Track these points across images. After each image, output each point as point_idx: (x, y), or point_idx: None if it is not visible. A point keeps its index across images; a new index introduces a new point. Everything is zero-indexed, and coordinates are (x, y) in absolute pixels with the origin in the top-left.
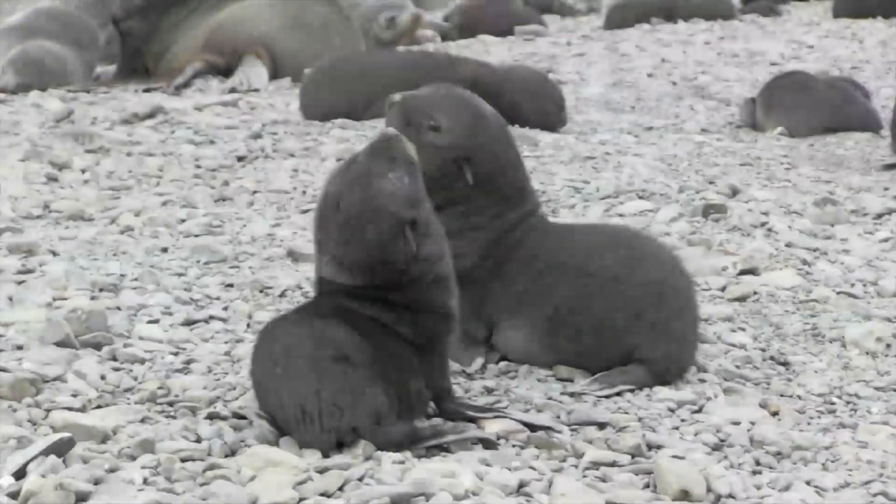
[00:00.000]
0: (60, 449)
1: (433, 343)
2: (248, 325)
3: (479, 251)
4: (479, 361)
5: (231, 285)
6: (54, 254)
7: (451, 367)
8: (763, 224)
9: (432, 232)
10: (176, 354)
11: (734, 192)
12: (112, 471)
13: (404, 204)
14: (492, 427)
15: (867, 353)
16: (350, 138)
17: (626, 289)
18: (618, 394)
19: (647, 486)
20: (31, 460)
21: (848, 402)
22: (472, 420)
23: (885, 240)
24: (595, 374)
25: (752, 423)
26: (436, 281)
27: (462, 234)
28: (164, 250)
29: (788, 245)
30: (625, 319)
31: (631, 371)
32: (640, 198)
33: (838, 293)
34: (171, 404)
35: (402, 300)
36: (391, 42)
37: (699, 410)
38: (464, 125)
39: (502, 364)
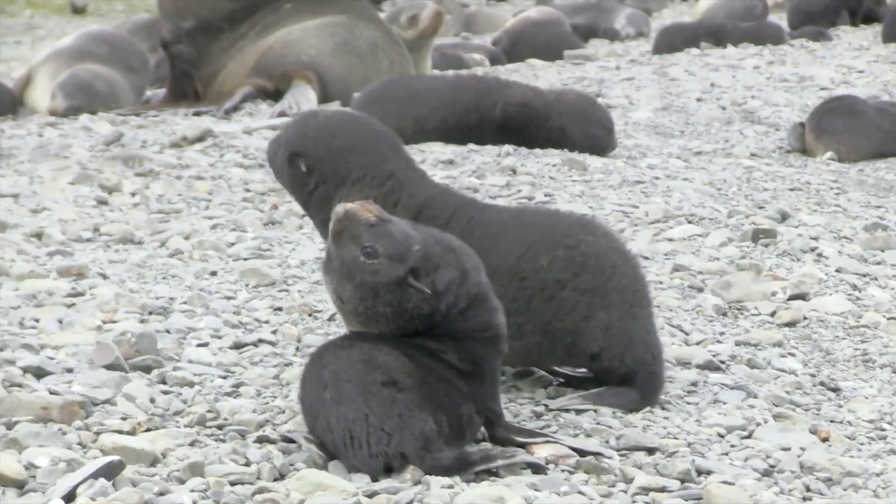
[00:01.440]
0: (110, 472)
1: (481, 368)
2: (297, 349)
3: None
4: None
5: (280, 309)
6: (104, 277)
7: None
8: (813, 249)
9: (439, 260)
10: (225, 378)
11: (784, 217)
12: (161, 494)
13: (393, 267)
14: (541, 452)
15: None
16: None
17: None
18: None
19: None
20: (81, 483)
21: None
22: (522, 445)
23: None
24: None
25: (803, 449)
26: (471, 304)
27: None
28: (214, 274)
29: (838, 270)
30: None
31: (622, 393)
32: (690, 222)
33: (888, 318)
34: (220, 427)
35: (444, 331)
36: (415, 40)
37: (749, 436)
38: (292, 127)
39: (550, 389)
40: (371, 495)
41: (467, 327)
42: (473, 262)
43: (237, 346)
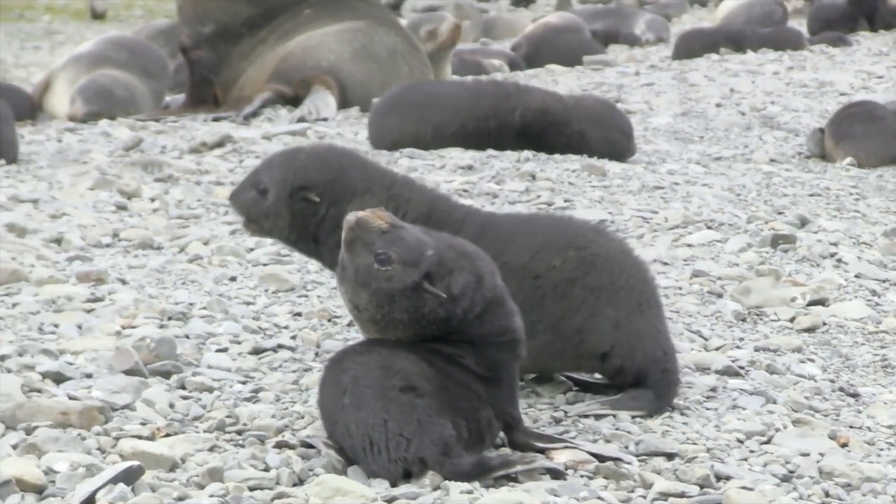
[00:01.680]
0: (129, 477)
1: (499, 372)
2: (317, 354)
3: None
4: None
5: (299, 314)
6: (123, 282)
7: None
8: (832, 255)
9: (453, 265)
10: (244, 383)
11: (803, 223)
12: (181, 499)
13: (408, 273)
14: (560, 457)
15: None
16: (418, 167)
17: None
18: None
19: None
20: (100, 488)
21: None
22: (541, 450)
23: None
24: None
25: (822, 455)
26: (487, 309)
27: None
28: (233, 279)
29: (858, 276)
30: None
31: (639, 396)
32: (709, 228)
33: None
34: (239, 433)
35: (461, 336)
36: (433, 53)
37: (768, 441)
38: (279, 168)
39: (569, 394)
40: (390, 500)
41: (484, 332)
42: (488, 266)
43: (256, 352)
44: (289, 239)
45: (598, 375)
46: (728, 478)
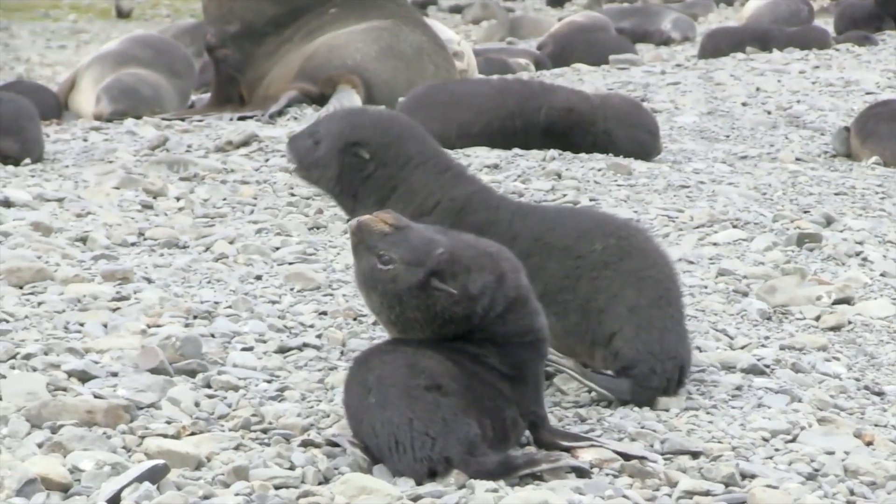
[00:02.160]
0: (154, 475)
1: (523, 372)
2: (342, 353)
3: None
4: None
5: (325, 313)
6: (149, 281)
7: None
8: (858, 253)
9: (471, 264)
10: (270, 382)
11: (829, 222)
12: (206, 497)
13: (411, 272)
14: (585, 456)
15: None
16: None
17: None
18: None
19: None
20: (126, 487)
21: None
22: (566, 449)
23: None
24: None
25: (847, 453)
26: (509, 308)
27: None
28: (258, 278)
29: (883, 274)
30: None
31: (615, 382)
32: (734, 227)
33: None
34: (264, 431)
35: (485, 336)
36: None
37: (793, 440)
38: (339, 122)
39: (594, 393)
40: (415, 499)
41: (508, 331)
42: (512, 265)
43: (282, 351)
44: (333, 191)
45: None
46: (753, 476)
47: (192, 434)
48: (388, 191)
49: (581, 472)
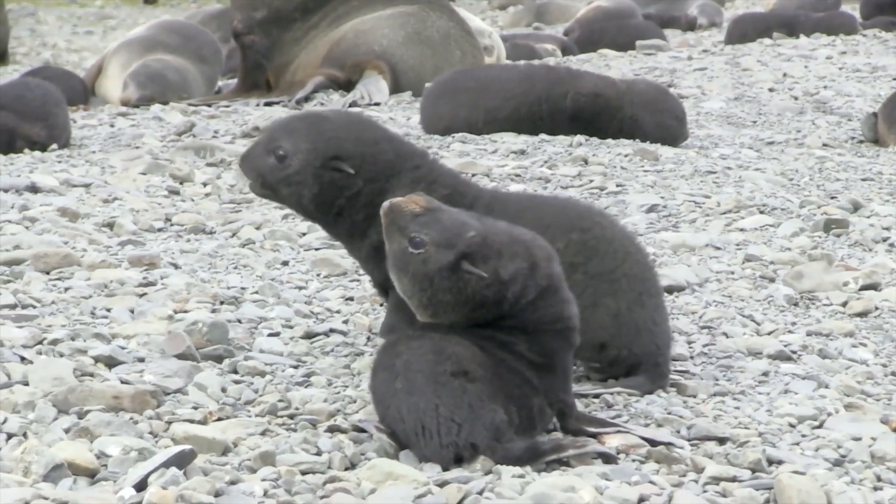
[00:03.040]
0: (181, 461)
1: (552, 360)
2: (369, 339)
3: None
4: None
5: (351, 298)
6: (175, 267)
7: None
8: (885, 239)
9: (503, 249)
10: (296, 367)
11: (856, 208)
12: (232, 483)
13: (442, 254)
14: (612, 442)
15: None
16: (470, 152)
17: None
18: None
19: (767, 501)
20: (153, 472)
21: None
22: (593, 435)
23: None
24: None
25: (874, 439)
26: (541, 295)
27: None
28: (285, 263)
29: None
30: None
31: (632, 381)
32: (761, 212)
33: None
34: (291, 417)
35: (514, 323)
36: None
37: (820, 426)
38: (306, 135)
39: (622, 379)
40: (442, 485)
41: (538, 319)
42: (545, 253)
43: (308, 336)
44: (306, 209)
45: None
46: (780, 462)
47: (219, 419)
48: (375, 207)
49: (607, 458)
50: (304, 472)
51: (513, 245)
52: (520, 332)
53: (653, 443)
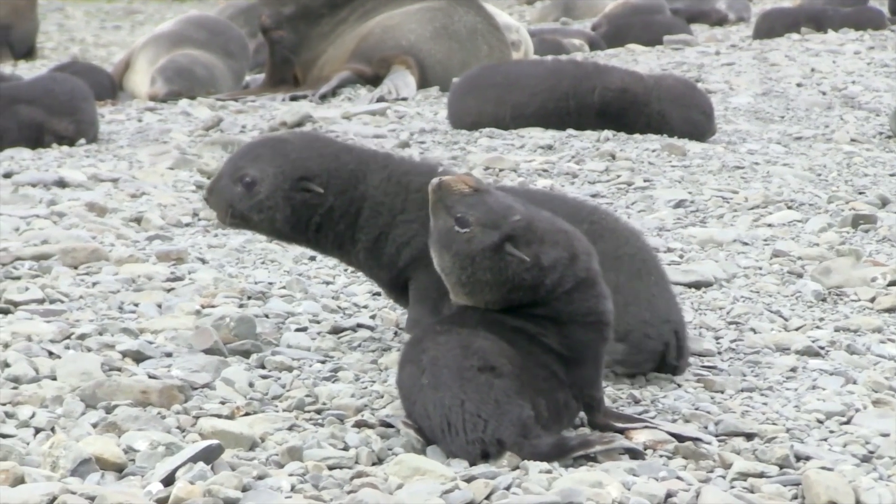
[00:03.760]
0: (209, 456)
1: (582, 353)
2: (396, 334)
3: (413, 238)
4: None
5: (378, 294)
6: (203, 261)
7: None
8: None
9: (546, 236)
10: (324, 362)
11: (884, 203)
12: (260, 478)
13: (487, 234)
14: (639, 437)
15: None
16: (497, 147)
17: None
18: None
19: (795, 497)
20: (180, 467)
21: None
22: (620, 430)
23: None
24: None
25: None
26: (577, 287)
27: (388, 235)
28: (312, 259)
29: None
30: None
31: (612, 346)
32: (789, 208)
33: None
34: (318, 412)
35: (547, 312)
36: None
37: (848, 422)
38: (270, 160)
39: (650, 374)
40: (469, 480)
41: (572, 310)
42: (585, 247)
43: (336, 331)
44: (281, 231)
45: None
46: (807, 458)
47: (246, 414)
48: (353, 215)
49: (635, 454)
50: (331, 468)
51: (556, 234)
52: (551, 323)
53: (680, 438)
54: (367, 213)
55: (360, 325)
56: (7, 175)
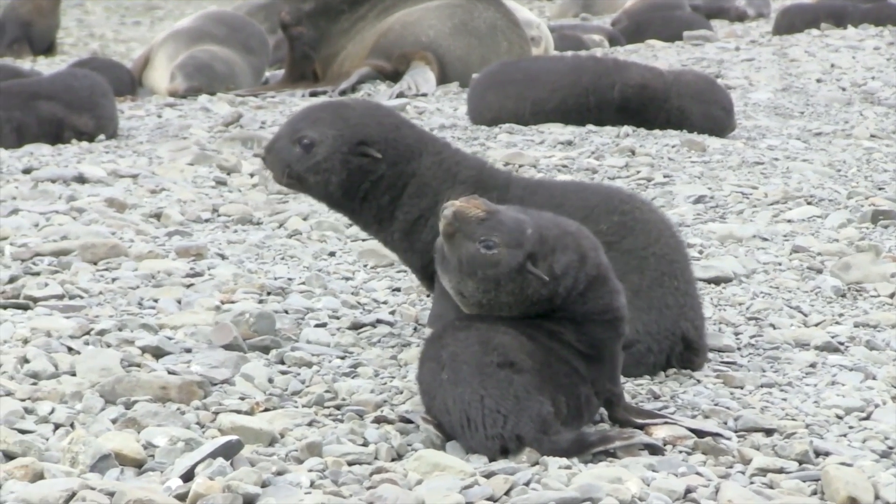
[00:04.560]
0: (228, 451)
1: (600, 350)
2: (415, 330)
3: None
4: None
5: (398, 289)
6: (222, 257)
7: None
8: None
9: (555, 243)
10: (343, 358)
11: None
12: (279, 473)
13: (513, 255)
14: (659, 433)
15: None
16: (517, 143)
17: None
18: None
19: (814, 493)
20: (199, 462)
21: None
22: (640, 426)
23: None
24: None
25: None
26: (590, 286)
27: (427, 220)
28: (332, 254)
29: None
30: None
31: None
32: (809, 203)
33: None
34: (338, 408)
35: (564, 314)
36: None
37: (867, 417)
38: (331, 123)
39: (670, 370)
40: (488, 476)
41: (587, 309)
42: (591, 243)
43: (355, 327)
44: (332, 196)
45: None
46: (827, 454)
47: (266, 410)
48: (398, 189)
49: (654, 450)
50: (350, 463)
51: (563, 238)
52: (568, 323)
53: (700, 434)
54: (411, 190)
55: (379, 321)
56: (27, 171)
